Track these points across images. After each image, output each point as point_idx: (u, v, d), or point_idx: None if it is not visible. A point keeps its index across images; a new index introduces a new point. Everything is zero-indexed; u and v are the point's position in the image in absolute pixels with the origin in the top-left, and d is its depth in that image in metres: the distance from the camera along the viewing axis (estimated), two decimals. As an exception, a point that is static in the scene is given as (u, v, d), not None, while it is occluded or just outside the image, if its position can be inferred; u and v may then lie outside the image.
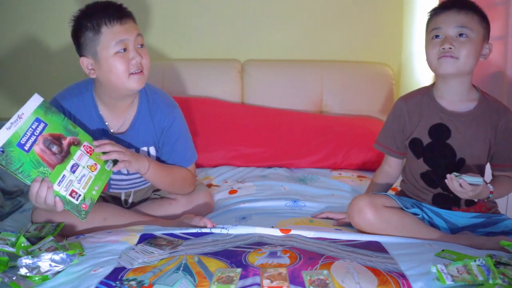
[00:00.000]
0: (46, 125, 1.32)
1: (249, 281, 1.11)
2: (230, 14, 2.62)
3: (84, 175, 1.37)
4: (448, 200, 1.51)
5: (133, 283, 1.10)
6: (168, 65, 2.53)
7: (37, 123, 1.31)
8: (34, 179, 1.27)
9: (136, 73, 1.45)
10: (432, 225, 1.50)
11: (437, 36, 1.44)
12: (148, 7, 2.59)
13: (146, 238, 1.36)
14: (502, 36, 1.79)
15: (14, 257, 1.23)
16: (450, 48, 1.40)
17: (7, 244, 1.26)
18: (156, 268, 1.17)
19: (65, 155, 1.34)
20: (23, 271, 1.13)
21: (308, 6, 2.61)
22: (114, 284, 1.11)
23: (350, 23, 2.62)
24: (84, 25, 1.43)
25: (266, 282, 1.09)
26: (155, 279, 1.12)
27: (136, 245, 1.31)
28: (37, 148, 1.29)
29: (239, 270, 1.15)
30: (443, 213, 1.52)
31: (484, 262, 1.12)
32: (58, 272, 1.17)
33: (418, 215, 1.49)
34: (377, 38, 2.63)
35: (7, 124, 1.26)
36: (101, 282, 1.11)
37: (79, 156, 1.37)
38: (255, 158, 2.22)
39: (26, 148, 1.27)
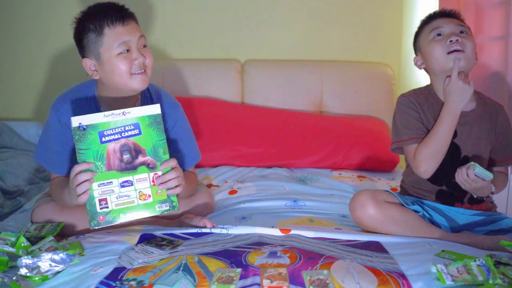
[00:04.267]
0: (139, 134, 1.32)
1: (249, 281, 1.11)
2: (230, 14, 2.62)
3: (127, 196, 1.32)
4: (452, 197, 1.52)
5: (133, 283, 1.10)
6: (168, 65, 2.53)
7: (132, 127, 1.31)
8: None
9: (138, 73, 1.46)
10: (433, 223, 1.50)
11: (438, 35, 1.48)
12: (148, 7, 2.59)
13: (146, 238, 1.36)
14: (502, 36, 1.79)
15: (14, 257, 1.23)
16: (458, 39, 1.44)
17: (7, 244, 1.26)
18: (156, 268, 1.17)
19: (129, 169, 1.32)
20: (23, 271, 1.13)
21: (308, 6, 2.61)
22: (114, 284, 1.11)
23: (350, 23, 2.62)
24: (87, 26, 1.44)
25: (266, 282, 1.09)
26: (155, 279, 1.12)
27: (136, 245, 1.31)
28: (111, 146, 1.30)
29: (239, 270, 1.15)
30: (444, 209, 1.52)
31: (484, 262, 1.12)
32: (58, 272, 1.17)
33: (419, 212, 1.49)
34: (377, 38, 2.63)
35: (108, 112, 1.30)
36: (101, 282, 1.11)
37: (141, 178, 1.33)
38: (255, 158, 2.22)
39: (103, 140, 1.29)
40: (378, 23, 2.63)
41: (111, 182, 1.32)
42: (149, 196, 1.34)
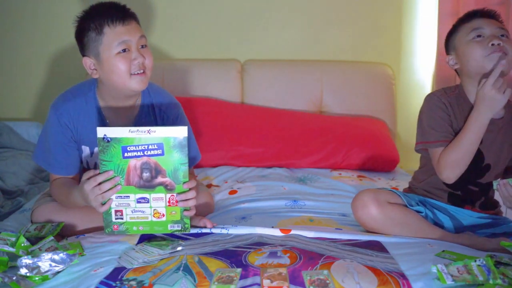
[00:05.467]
0: (162, 155, 1.31)
1: (249, 281, 1.11)
2: (230, 14, 2.62)
3: (142, 212, 1.35)
4: (464, 201, 1.51)
5: (133, 283, 1.10)
6: (168, 65, 2.53)
7: (156, 147, 1.30)
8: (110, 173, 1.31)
9: (138, 73, 1.46)
10: (436, 223, 1.50)
11: (478, 36, 1.43)
12: (148, 7, 2.59)
13: (146, 238, 1.36)
14: (502, 36, 1.79)
15: (14, 257, 1.23)
16: (499, 43, 1.39)
17: (7, 244, 1.26)
18: (156, 268, 1.17)
19: (147, 187, 1.33)
20: (23, 271, 1.13)
21: (308, 6, 2.61)
22: (114, 284, 1.11)
23: (350, 23, 2.62)
24: (87, 25, 1.44)
25: (266, 282, 1.09)
26: (155, 279, 1.12)
27: (136, 245, 1.31)
28: (133, 162, 1.31)
29: (239, 270, 1.15)
30: (450, 208, 1.51)
31: (484, 262, 1.12)
32: (58, 272, 1.17)
33: (422, 212, 1.48)
34: (377, 38, 2.63)
35: (134, 128, 1.30)
36: (101, 282, 1.11)
37: (158, 197, 1.34)
38: (255, 158, 2.22)
39: (126, 155, 1.30)
40: (378, 23, 2.63)
41: (128, 196, 1.34)
42: (163, 215, 1.36)
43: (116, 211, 1.34)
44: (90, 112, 1.54)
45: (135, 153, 1.30)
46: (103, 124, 1.55)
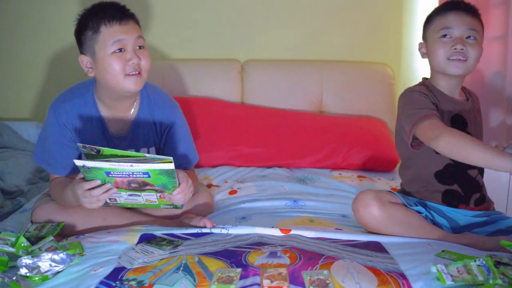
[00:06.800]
0: (148, 178, 1.29)
1: (249, 281, 1.11)
2: (230, 14, 2.62)
3: (135, 200, 1.38)
4: (458, 198, 1.51)
5: (133, 283, 1.10)
6: (168, 65, 2.53)
7: (142, 174, 1.27)
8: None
9: (132, 74, 1.45)
10: (435, 223, 1.50)
11: (445, 36, 1.47)
12: (148, 7, 2.59)
13: (146, 238, 1.36)
14: (502, 36, 1.79)
15: (14, 257, 1.23)
16: (462, 49, 1.44)
17: (7, 244, 1.26)
18: (156, 268, 1.17)
19: (137, 191, 1.34)
20: (23, 271, 1.13)
21: (308, 6, 2.61)
22: (114, 284, 1.11)
23: (350, 23, 2.62)
24: (86, 24, 1.45)
25: (266, 282, 1.09)
26: (155, 279, 1.12)
27: (136, 245, 1.31)
28: (119, 179, 1.30)
29: (239, 270, 1.15)
30: (445, 210, 1.51)
31: (484, 262, 1.12)
32: (58, 272, 1.17)
33: (422, 213, 1.48)
34: (377, 38, 2.63)
35: (115, 163, 1.24)
36: (101, 282, 1.11)
37: (148, 195, 1.36)
38: (255, 158, 2.22)
39: (110, 175, 1.28)
40: (378, 23, 2.63)
41: (120, 193, 1.36)
42: (155, 202, 1.40)
43: (110, 199, 1.38)
44: (88, 113, 1.54)
45: (120, 175, 1.28)
46: (102, 125, 1.55)
